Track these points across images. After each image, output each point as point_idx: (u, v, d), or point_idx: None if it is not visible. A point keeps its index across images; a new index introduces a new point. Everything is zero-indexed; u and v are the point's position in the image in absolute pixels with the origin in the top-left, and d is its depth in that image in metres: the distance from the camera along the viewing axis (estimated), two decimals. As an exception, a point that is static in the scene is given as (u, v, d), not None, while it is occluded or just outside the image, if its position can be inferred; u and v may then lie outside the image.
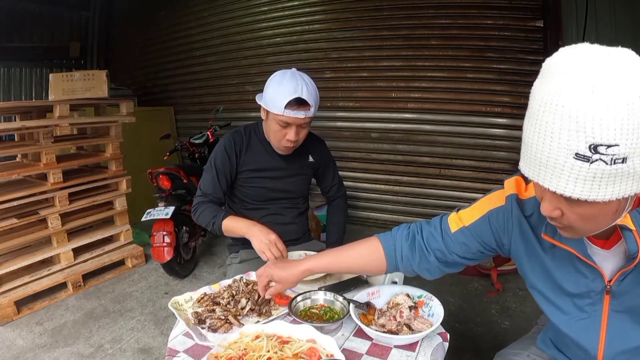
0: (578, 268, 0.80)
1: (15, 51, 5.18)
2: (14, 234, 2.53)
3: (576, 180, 0.57)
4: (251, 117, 4.09)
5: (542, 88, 0.60)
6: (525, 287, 0.92)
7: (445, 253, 0.95)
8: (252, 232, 1.34)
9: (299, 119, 1.40)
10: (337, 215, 1.85)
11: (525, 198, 0.86)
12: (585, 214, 0.63)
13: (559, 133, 0.56)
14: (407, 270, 1.01)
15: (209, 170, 1.53)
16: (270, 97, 1.42)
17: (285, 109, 1.37)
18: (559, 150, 0.57)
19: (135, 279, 2.96)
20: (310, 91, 1.39)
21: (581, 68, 0.56)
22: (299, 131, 1.46)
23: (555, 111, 0.56)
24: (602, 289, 0.78)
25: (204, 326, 1.05)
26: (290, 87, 1.37)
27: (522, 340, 1.09)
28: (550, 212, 0.66)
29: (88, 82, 2.93)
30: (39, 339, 2.23)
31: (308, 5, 4.04)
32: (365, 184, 4.06)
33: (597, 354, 0.81)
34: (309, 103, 1.39)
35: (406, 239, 1.00)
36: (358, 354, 0.94)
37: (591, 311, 0.81)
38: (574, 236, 0.72)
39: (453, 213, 0.97)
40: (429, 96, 3.68)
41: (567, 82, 0.56)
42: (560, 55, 0.61)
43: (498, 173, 3.59)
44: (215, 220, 1.42)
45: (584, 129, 0.54)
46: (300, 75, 1.42)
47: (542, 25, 3.25)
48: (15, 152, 2.74)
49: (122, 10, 5.71)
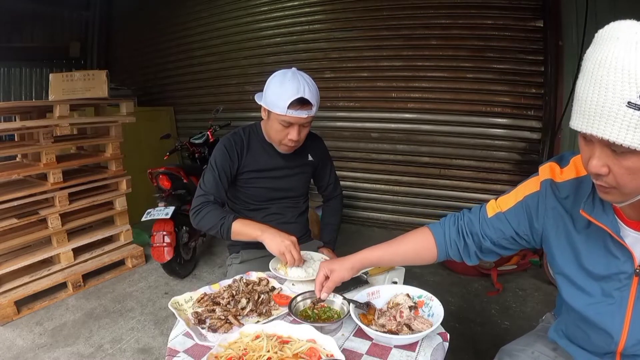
0: (609, 249, 0.82)
1: (15, 51, 5.19)
2: (14, 234, 2.53)
3: (627, 127, 0.62)
4: (251, 117, 4.09)
5: (596, 50, 0.66)
6: (525, 287, 0.92)
7: (480, 238, 1.00)
8: (269, 234, 1.32)
9: (301, 118, 1.41)
10: (332, 215, 1.86)
11: (561, 181, 0.89)
12: (633, 167, 0.66)
13: (613, 85, 0.62)
14: (455, 255, 1.05)
15: (211, 171, 1.52)
16: (272, 97, 1.42)
17: (288, 109, 1.38)
18: (613, 99, 0.62)
19: (135, 279, 2.96)
20: (312, 91, 1.40)
21: (630, 31, 0.63)
22: (301, 130, 1.47)
23: (610, 66, 0.62)
24: (632, 272, 0.81)
25: (204, 326, 1.05)
26: (293, 88, 1.37)
27: (527, 337, 1.10)
28: (598, 169, 0.69)
29: (88, 82, 2.93)
30: (39, 339, 2.23)
31: (308, 5, 4.05)
32: (365, 184, 4.06)
33: (619, 340, 0.83)
34: (311, 103, 1.40)
35: (453, 224, 1.05)
36: (358, 354, 0.94)
37: (618, 296, 0.83)
38: (616, 199, 0.74)
39: (492, 200, 1.02)
40: (429, 96, 3.68)
41: (619, 43, 0.63)
42: (610, 26, 0.67)
43: (498, 173, 3.59)
44: (223, 222, 1.38)
45: (635, 80, 0.60)
46: (301, 74, 1.42)
47: (542, 25, 3.26)
48: (15, 152, 2.74)
49: (122, 10, 5.71)
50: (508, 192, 1.00)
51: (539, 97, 3.36)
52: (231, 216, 1.40)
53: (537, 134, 3.40)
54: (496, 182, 3.61)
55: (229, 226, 1.38)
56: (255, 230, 1.35)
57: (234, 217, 1.40)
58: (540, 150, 3.38)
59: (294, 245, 1.29)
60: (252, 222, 1.41)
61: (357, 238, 3.76)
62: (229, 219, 1.39)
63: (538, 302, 2.54)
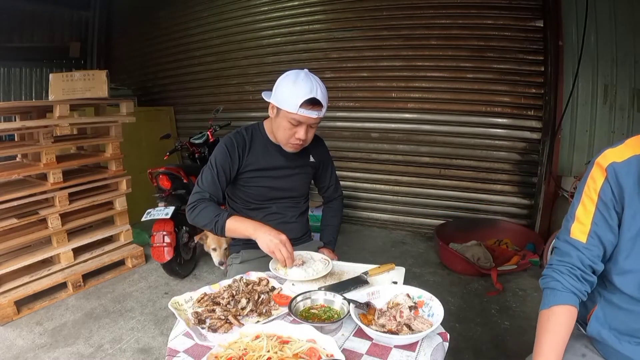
0: None
1: (15, 51, 5.19)
2: (14, 234, 2.53)
3: None
4: (251, 117, 4.09)
5: None
6: (525, 287, 0.92)
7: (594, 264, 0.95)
8: (261, 232, 1.33)
9: (311, 118, 1.43)
10: (332, 217, 1.86)
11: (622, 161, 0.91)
12: None
13: None
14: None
15: (210, 169, 1.53)
16: (284, 95, 1.44)
17: (300, 108, 1.40)
18: None
19: (135, 279, 2.96)
20: (323, 93, 1.43)
21: None
22: (309, 130, 1.49)
23: None
24: None
25: (204, 326, 1.05)
26: (306, 87, 1.39)
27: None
28: None
29: (88, 82, 2.93)
30: (39, 339, 2.23)
31: (308, 5, 4.05)
32: (365, 184, 4.06)
33: None
34: (322, 104, 1.42)
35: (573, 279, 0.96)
36: (358, 354, 0.93)
37: None
38: None
39: (571, 225, 0.97)
40: (429, 96, 3.68)
41: None
42: None
43: (498, 173, 3.60)
44: (218, 219, 1.40)
45: None
46: (313, 76, 1.45)
47: (542, 25, 3.26)
48: (15, 152, 2.74)
49: (122, 10, 5.72)
50: (576, 203, 0.97)
51: (539, 97, 3.36)
52: (226, 213, 1.41)
53: (537, 134, 3.40)
54: (496, 182, 3.61)
55: (223, 224, 1.39)
56: (248, 228, 1.36)
57: (229, 214, 1.41)
58: (540, 150, 3.38)
59: (284, 243, 1.29)
60: (246, 219, 1.42)
61: (357, 238, 3.76)
62: (224, 216, 1.40)
63: (538, 302, 2.53)
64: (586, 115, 3.26)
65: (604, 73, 3.14)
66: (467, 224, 3.54)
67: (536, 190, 3.45)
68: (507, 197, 3.61)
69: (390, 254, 3.42)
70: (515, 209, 3.59)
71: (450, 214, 3.76)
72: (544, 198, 3.37)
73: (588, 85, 3.21)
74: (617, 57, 3.08)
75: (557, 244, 1.01)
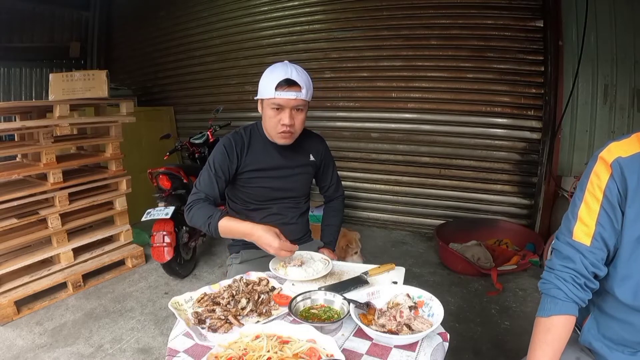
0: None
1: (15, 51, 5.19)
2: (14, 234, 2.53)
3: None
4: (251, 117, 4.09)
5: None
6: (525, 287, 0.92)
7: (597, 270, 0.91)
8: (258, 233, 1.31)
9: (290, 100, 1.43)
10: (333, 216, 1.85)
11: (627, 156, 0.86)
12: None
13: None
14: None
15: (208, 170, 1.52)
16: (262, 85, 1.47)
17: (277, 91, 1.41)
18: None
19: (135, 279, 2.96)
20: (300, 75, 1.43)
21: None
22: (294, 115, 1.47)
23: None
24: None
25: (204, 326, 1.05)
26: (280, 72, 1.42)
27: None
28: None
29: (88, 82, 2.93)
30: (39, 339, 2.23)
31: (308, 5, 4.05)
32: (365, 184, 4.06)
33: None
34: (298, 84, 1.42)
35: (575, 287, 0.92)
36: (358, 354, 0.93)
37: None
38: None
39: (574, 226, 0.91)
40: (429, 96, 3.68)
41: None
42: None
43: (498, 173, 3.60)
44: (210, 220, 1.38)
45: None
46: (291, 64, 1.46)
47: (542, 25, 3.26)
48: (15, 152, 2.74)
49: (122, 10, 5.72)
50: (578, 202, 0.92)
51: (539, 97, 3.36)
52: (218, 214, 1.39)
53: (537, 134, 3.40)
54: (496, 182, 3.61)
55: (215, 225, 1.37)
56: (243, 229, 1.35)
57: (221, 215, 1.39)
58: (540, 150, 3.38)
59: (279, 236, 1.29)
60: (239, 220, 1.41)
61: (357, 238, 3.76)
62: (216, 217, 1.38)
63: (538, 302, 2.54)
64: (586, 115, 3.26)
65: (604, 73, 3.15)
66: (467, 224, 3.54)
67: (536, 190, 3.45)
68: (507, 197, 3.61)
69: (390, 254, 3.42)
70: (515, 209, 3.60)
71: (450, 214, 3.76)
72: (544, 198, 3.37)
73: (588, 85, 3.21)
74: (617, 57, 3.08)
75: (557, 245, 0.95)
